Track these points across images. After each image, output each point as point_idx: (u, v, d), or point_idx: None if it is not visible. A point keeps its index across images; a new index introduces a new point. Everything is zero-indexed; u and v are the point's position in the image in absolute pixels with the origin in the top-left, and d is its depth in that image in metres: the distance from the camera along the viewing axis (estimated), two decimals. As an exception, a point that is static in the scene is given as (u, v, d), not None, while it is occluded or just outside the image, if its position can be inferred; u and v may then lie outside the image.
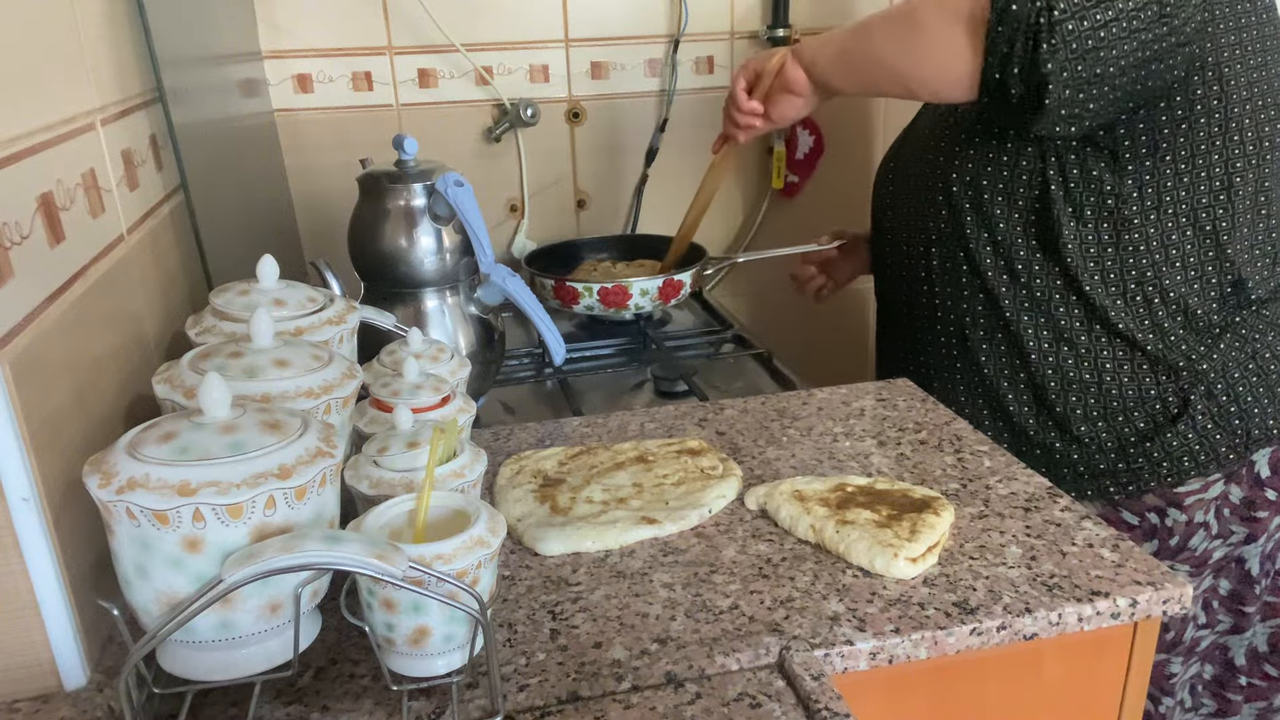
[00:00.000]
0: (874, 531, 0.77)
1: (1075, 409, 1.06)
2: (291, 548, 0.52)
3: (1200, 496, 1.03)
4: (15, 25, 0.64)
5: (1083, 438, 1.06)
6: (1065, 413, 1.06)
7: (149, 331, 0.84)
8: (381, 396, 0.79)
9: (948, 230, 1.10)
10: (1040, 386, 1.07)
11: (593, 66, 1.62)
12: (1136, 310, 1.02)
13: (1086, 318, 1.04)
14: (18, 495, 0.57)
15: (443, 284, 1.05)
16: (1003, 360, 1.09)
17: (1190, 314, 1.01)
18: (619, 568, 0.78)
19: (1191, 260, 1.01)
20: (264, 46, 1.49)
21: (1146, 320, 1.02)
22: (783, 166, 1.71)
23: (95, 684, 0.62)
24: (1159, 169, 0.99)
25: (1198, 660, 1.12)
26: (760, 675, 0.66)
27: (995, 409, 1.11)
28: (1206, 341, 1.02)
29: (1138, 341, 1.02)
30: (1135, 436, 1.04)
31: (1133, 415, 1.04)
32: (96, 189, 0.74)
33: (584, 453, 0.95)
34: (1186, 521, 1.04)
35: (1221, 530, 1.04)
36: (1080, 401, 1.06)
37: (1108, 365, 1.04)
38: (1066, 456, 1.07)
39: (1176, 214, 1.00)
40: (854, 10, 1.69)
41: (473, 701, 0.63)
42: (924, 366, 1.17)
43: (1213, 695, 1.14)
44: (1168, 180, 0.99)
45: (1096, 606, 0.71)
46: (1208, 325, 1.02)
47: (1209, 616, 1.10)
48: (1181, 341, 1.02)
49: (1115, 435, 1.05)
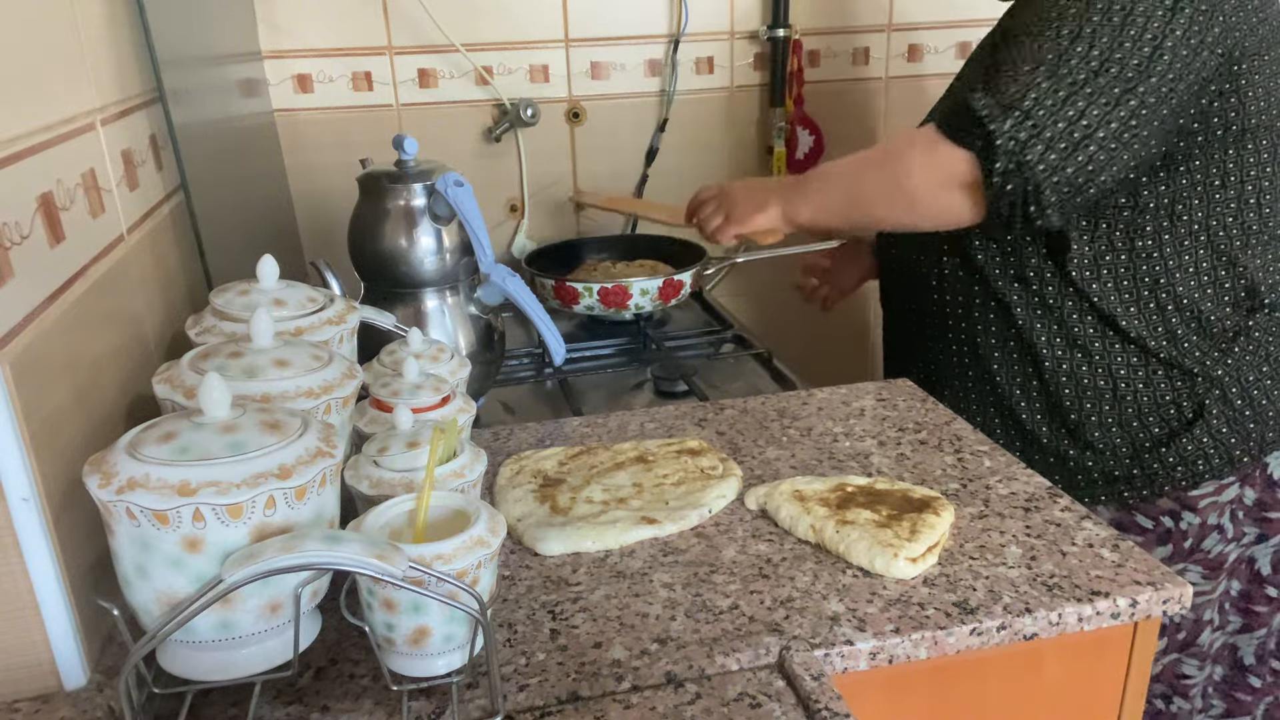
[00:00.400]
0: (874, 531, 0.77)
1: (1090, 415, 1.05)
2: (291, 548, 0.52)
3: (1214, 500, 1.03)
4: (15, 25, 0.64)
5: (1097, 443, 1.06)
6: (1080, 419, 1.06)
7: (149, 331, 0.84)
8: (381, 396, 0.79)
9: (957, 238, 1.09)
10: (1054, 394, 1.06)
11: (593, 66, 1.62)
12: (1149, 317, 1.02)
13: (1099, 324, 1.03)
14: (18, 495, 0.57)
15: (443, 284, 1.05)
16: (1015, 368, 1.09)
17: (1204, 320, 1.01)
18: (619, 568, 0.78)
19: (1205, 266, 1.00)
20: (264, 46, 1.49)
21: (1160, 327, 1.01)
22: (782, 166, 1.71)
23: (95, 684, 0.62)
24: (1173, 179, 0.98)
25: (1211, 663, 1.12)
26: (760, 675, 0.66)
27: (1007, 417, 1.11)
28: (1221, 346, 1.02)
29: (1150, 348, 1.02)
30: (1150, 441, 1.04)
31: (1148, 420, 1.04)
32: (96, 189, 0.74)
33: (584, 453, 0.95)
34: (1200, 524, 1.04)
35: (1235, 533, 1.04)
36: (1095, 408, 1.05)
37: (1122, 371, 1.03)
38: (1081, 463, 1.07)
39: (1190, 221, 0.99)
40: (854, 10, 1.69)
41: (473, 701, 0.63)
42: (934, 375, 1.17)
43: (1223, 696, 1.13)
44: (1182, 190, 0.99)
45: (1096, 606, 0.71)
46: (1221, 331, 1.02)
47: (1220, 618, 1.10)
48: (1195, 348, 1.01)
49: (1130, 441, 1.05)
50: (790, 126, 1.69)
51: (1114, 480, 1.06)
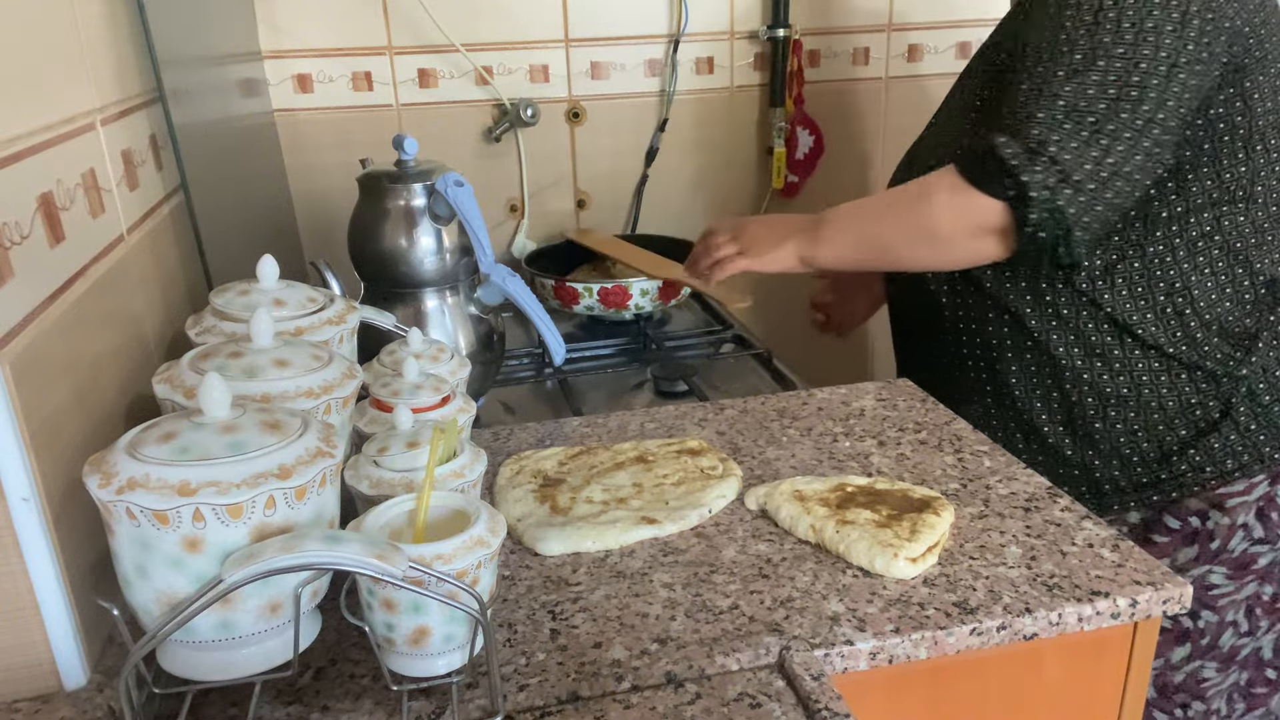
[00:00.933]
0: (874, 531, 0.77)
1: (1115, 424, 1.04)
2: (291, 548, 0.52)
3: (1244, 499, 1.02)
4: (15, 25, 0.64)
5: (1122, 450, 1.04)
6: (1105, 428, 1.04)
7: (149, 331, 0.84)
8: (381, 396, 0.79)
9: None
10: (1076, 405, 1.05)
11: (593, 66, 1.62)
12: (1167, 323, 1.00)
13: (1116, 332, 1.02)
14: (18, 495, 0.57)
15: (443, 284, 1.05)
16: (1034, 380, 1.07)
17: (1223, 322, 1.00)
18: (619, 568, 0.78)
19: (1220, 268, 0.99)
20: (264, 46, 1.49)
21: (1179, 332, 1.00)
22: (783, 166, 1.71)
23: (95, 684, 0.62)
24: (1183, 188, 0.98)
25: (1237, 668, 1.10)
26: (760, 675, 0.66)
27: (1028, 432, 1.09)
28: (1244, 346, 1.00)
29: (1170, 353, 1.00)
30: (1178, 444, 1.02)
31: (1174, 424, 1.02)
32: (96, 189, 0.74)
33: (584, 453, 0.95)
34: (1229, 524, 1.02)
35: (1269, 535, 1.03)
36: (1120, 415, 1.03)
37: (1144, 378, 1.02)
38: (1107, 472, 1.06)
39: (1201, 225, 0.98)
40: (854, 10, 1.69)
41: (473, 701, 0.63)
42: (950, 393, 1.12)
43: (1244, 698, 1.12)
44: (1192, 197, 0.98)
45: (1096, 606, 0.71)
46: (1243, 330, 1.00)
47: (1250, 623, 1.07)
48: (1217, 350, 1.00)
49: (1158, 445, 1.03)
50: (790, 126, 1.69)
51: (1142, 487, 1.04)
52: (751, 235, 1.14)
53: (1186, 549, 1.04)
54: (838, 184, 1.77)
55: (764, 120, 1.72)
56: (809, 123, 1.70)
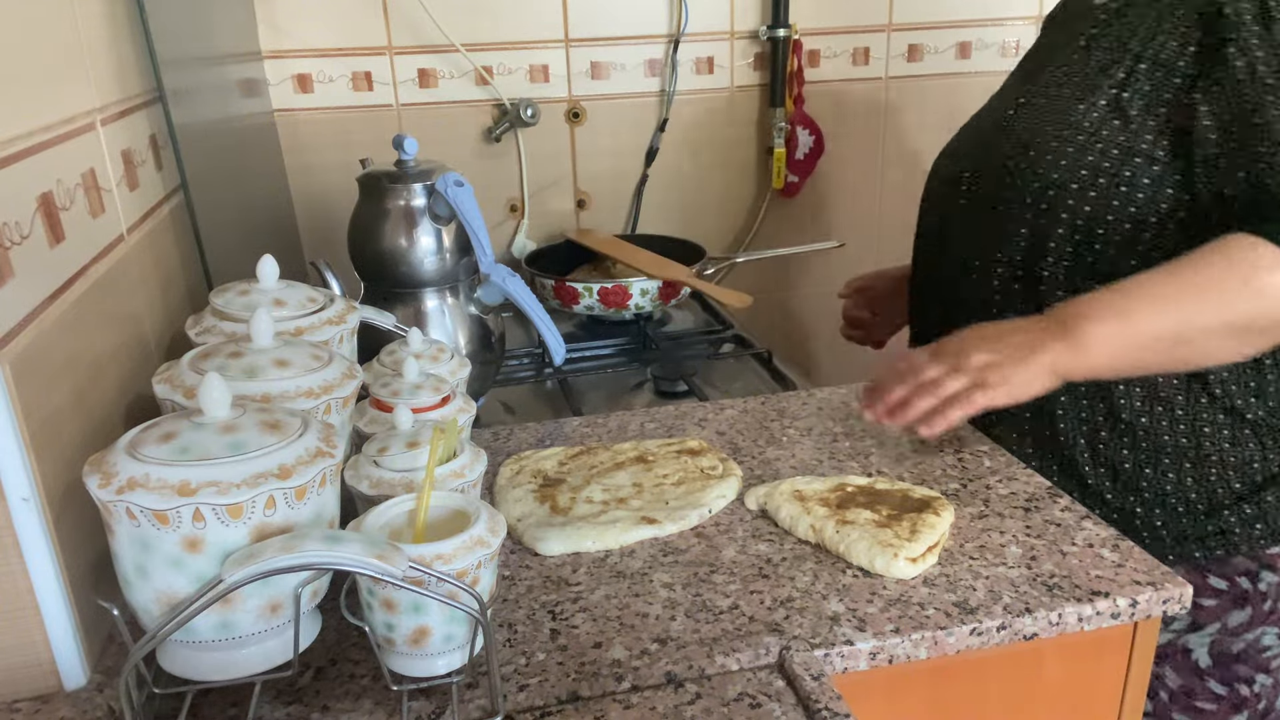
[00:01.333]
0: (874, 531, 0.77)
1: (1167, 473, 0.96)
2: (291, 548, 0.52)
3: None
4: (15, 25, 0.64)
5: (1169, 499, 0.96)
6: (1155, 475, 0.96)
7: (149, 331, 0.84)
8: (381, 396, 0.79)
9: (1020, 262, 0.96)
10: (1127, 448, 0.96)
11: (593, 66, 1.62)
12: (1246, 383, 0.93)
13: (1185, 380, 0.93)
14: (18, 495, 0.57)
15: (443, 284, 1.05)
16: (1083, 416, 0.97)
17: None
18: (619, 568, 0.78)
19: None
20: (264, 46, 1.49)
21: (1252, 381, 0.93)
22: (783, 166, 1.71)
23: (95, 684, 0.62)
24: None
25: None
26: (760, 675, 0.66)
27: (1067, 469, 1.00)
28: None
29: (1238, 407, 0.93)
30: (1230, 498, 0.95)
31: (1228, 476, 0.95)
32: (96, 189, 0.74)
33: (584, 453, 0.95)
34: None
35: None
36: (1174, 465, 0.95)
37: (1207, 429, 0.94)
38: (1149, 521, 0.97)
39: None
40: (854, 10, 1.69)
41: (473, 701, 0.63)
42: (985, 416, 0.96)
43: None
44: None
45: (1096, 606, 0.71)
46: None
47: None
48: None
49: (1208, 497, 0.96)
50: (790, 126, 1.69)
51: (1184, 540, 0.96)
52: (981, 361, 0.89)
53: (1238, 612, 0.97)
54: (838, 184, 1.77)
55: (764, 120, 1.72)
56: (809, 123, 1.70)
